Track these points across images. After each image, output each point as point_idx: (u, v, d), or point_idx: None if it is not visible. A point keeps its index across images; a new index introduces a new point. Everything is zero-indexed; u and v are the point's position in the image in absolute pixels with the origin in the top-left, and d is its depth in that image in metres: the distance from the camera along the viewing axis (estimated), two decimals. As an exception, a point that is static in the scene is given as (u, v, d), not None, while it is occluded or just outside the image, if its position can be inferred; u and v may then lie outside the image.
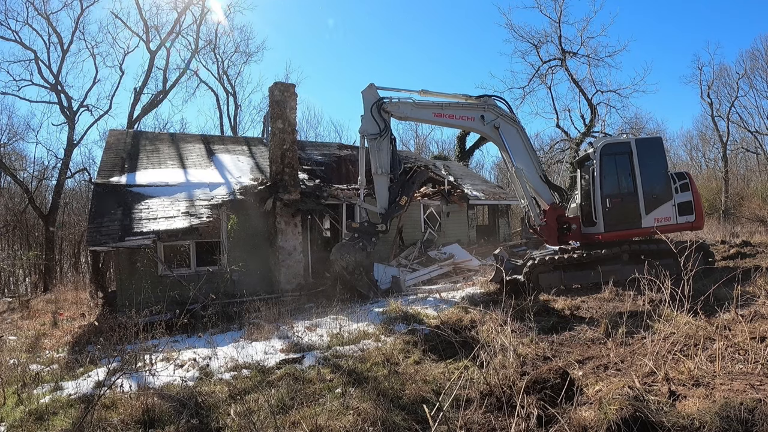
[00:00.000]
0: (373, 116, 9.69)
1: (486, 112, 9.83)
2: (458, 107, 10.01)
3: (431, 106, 9.98)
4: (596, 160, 9.31)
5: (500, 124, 9.78)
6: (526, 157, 9.87)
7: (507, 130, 9.83)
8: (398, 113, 9.87)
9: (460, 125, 10.08)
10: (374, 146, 9.84)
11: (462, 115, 9.96)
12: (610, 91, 27.77)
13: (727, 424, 3.11)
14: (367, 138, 9.85)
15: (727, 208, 28.52)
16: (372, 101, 9.77)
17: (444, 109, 9.94)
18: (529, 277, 9.11)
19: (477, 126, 9.97)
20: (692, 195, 9.33)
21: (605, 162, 9.33)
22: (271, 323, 8.07)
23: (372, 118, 9.71)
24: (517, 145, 9.87)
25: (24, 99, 43.03)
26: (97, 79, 34.13)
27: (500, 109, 9.95)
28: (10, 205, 24.81)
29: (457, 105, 10.05)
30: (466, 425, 3.58)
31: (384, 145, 9.82)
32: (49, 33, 23.89)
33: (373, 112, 9.67)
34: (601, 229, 9.25)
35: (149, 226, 10.70)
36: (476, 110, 9.85)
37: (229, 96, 31.81)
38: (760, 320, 5.38)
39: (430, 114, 9.98)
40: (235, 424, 4.13)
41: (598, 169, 9.30)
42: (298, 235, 12.69)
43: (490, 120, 9.78)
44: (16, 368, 6.68)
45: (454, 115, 9.97)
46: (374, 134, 9.74)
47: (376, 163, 9.82)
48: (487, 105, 9.88)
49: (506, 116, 9.90)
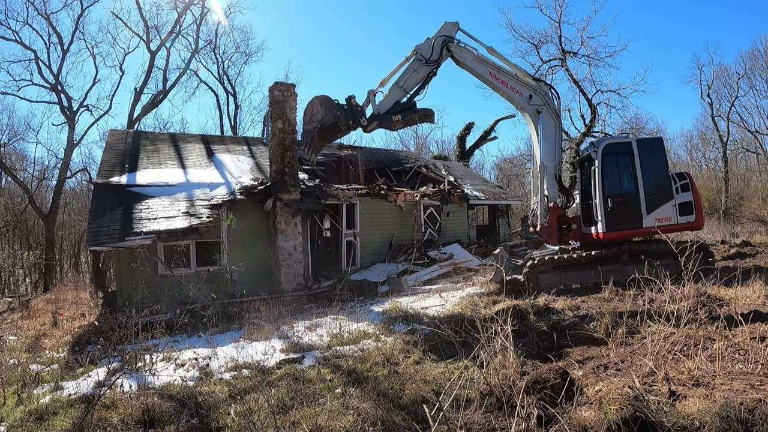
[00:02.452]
0: (434, 46, 9.81)
1: (536, 94, 9.89)
2: (513, 78, 10.07)
3: (490, 65, 10.06)
4: (598, 159, 9.33)
5: (543, 110, 9.87)
6: (552, 152, 9.88)
7: (547, 120, 9.88)
8: (460, 57, 9.96)
9: (508, 95, 10.13)
10: (414, 66, 9.87)
11: (513, 86, 10.01)
12: (610, 91, 27.78)
13: (727, 424, 3.11)
14: (416, 56, 9.88)
15: (727, 208, 28.52)
16: (444, 33, 9.89)
17: (500, 73, 10.05)
18: (528, 277, 9.12)
19: (522, 102, 10.01)
20: (693, 195, 9.34)
21: (607, 162, 9.35)
22: (271, 323, 8.07)
23: (432, 46, 9.82)
24: (550, 138, 9.88)
25: (24, 99, 43.26)
26: (97, 79, 34.22)
27: (549, 98, 10.00)
28: (10, 205, 24.80)
29: (513, 76, 10.12)
30: (466, 425, 3.58)
31: (422, 72, 9.86)
32: (49, 33, 23.93)
33: (437, 43, 9.80)
34: (603, 228, 9.26)
35: (149, 226, 10.70)
36: (528, 89, 9.93)
37: (229, 96, 31.84)
38: (759, 320, 5.37)
39: (486, 71, 10.05)
40: (235, 424, 4.14)
41: (600, 168, 9.31)
42: (298, 235, 12.69)
43: (536, 103, 9.86)
44: (16, 368, 6.67)
45: (506, 83, 10.01)
46: (423, 58, 9.79)
47: (404, 78, 9.87)
48: (540, 89, 9.95)
49: (551, 107, 9.95)
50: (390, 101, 9.77)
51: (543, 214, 9.78)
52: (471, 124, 30.34)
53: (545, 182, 9.75)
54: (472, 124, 30.41)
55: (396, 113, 9.65)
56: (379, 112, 9.68)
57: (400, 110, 9.70)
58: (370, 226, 15.28)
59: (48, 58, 24.07)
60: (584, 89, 27.33)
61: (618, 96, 27.72)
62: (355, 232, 14.86)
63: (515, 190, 37.31)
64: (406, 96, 9.87)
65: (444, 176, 19.00)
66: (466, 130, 30.48)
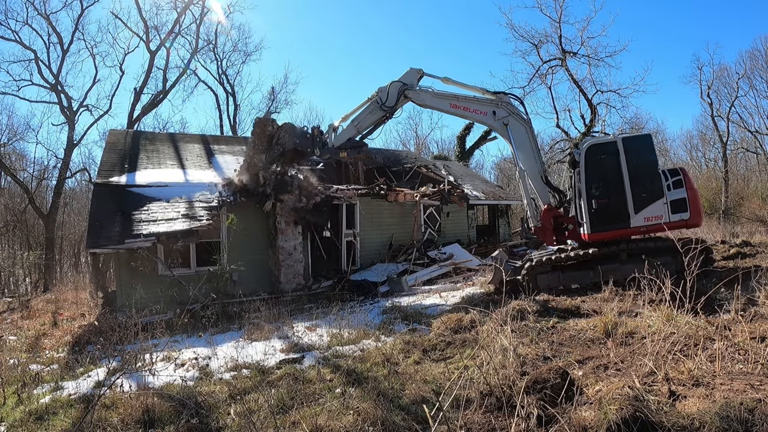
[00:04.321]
0: (389, 92, 10.30)
1: (499, 108, 10.03)
2: (473, 101, 10.28)
3: (448, 97, 10.35)
4: (581, 161, 9.28)
5: (510, 121, 9.97)
6: (530, 157, 9.95)
7: (516, 129, 9.97)
8: (418, 100, 10.40)
9: (473, 118, 10.55)
10: (370, 108, 10.49)
11: (476, 108, 10.24)
12: (610, 91, 27.72)
13: (727, 424, 3.11)
14: (376, 98, 10.41)
15: (727, 208, 28.51)
16: (404, 80, 10.37)
17: (460, 101, 10.30)
18: (527, 277, 9.10)
19: (488, 121, 10.24)
20: (686, 192, 9.12)
21: (590, 163, 9.29)
22: (271, 323, 8.07)
23: (388, 93, 10.32)
24: (524, 145, 9.96)
25: (24, 99, 43.13)
26: (97, 79, 34.05)
27: (513, 107, 10.10)
28: (10, 205, 24.80)
29: (473, 98, 10.32)
30: (466, 425, 3.58)
31: (376, 115, 10.51)
32: (49, 33, 23.91)
33: (392, 90, 10.31)
34: (588, 229, 9.22)
35: (149, 228, 10.69)
36: (490, 105, 10.12)
37: (229, 96, 31.83)
38: (760, 320, 5.38)
39: (446, 104, 10.38)
40: (235, 424, 4.14)
41: (583, 170, 9.26)
42: (298, 235, 12.69)
43: (501, 116, 10.01)
44: (16, 368, 6.68)
45: (468, 108, 10.28)
46: (381, 102, 10.32)
47: (360, 118, 10.61)
48: (501, 102, 10.08)
49: (517, 115, 10.04)
50: (344, 137, 10.77)
51: (534, 216, 9.86)
52: (471, 124, 30.30)
53: (529, 186, 9.87)
54: (472, 124, 30.39)
55: (345, 149, 10.86)
56: (333, 146, 10.86)
57: (350, 147, 10.87)
58: (370, 226, 15.28)
59: (48, 58, 24.08)
60: (584, 89, 27.33)
61: (618, 96, 27.68)
62: (355, 232, 14.86)
63: (515, 190, 37.22)
64: (359, 135, 10.74)
65: (444, 176, 18.99)
66: (465, 130, 30.48)
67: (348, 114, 10.94)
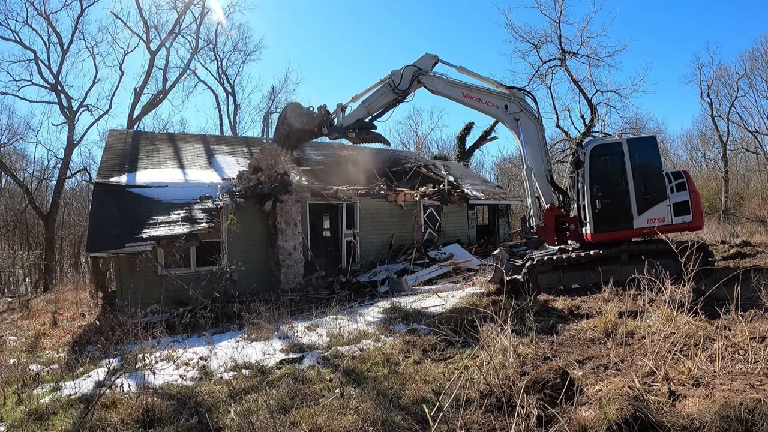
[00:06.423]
0: (403, 75, 10.14)
1: (511, 103, 9.98)
2: (487, 93, 10.21)
3: (462, 87, 10.25)
4: (585, 161, 9.29)
5: (521, 117, 9.93)
6: (538, 155, 9.93)
7: (526, 125, 9.94)
8: (431, 86, 10.23)
9: (485, 110, 10.38)
10: (383, 90, 10.28)
11: (488, 101, 10.17)
12: (610, 91, 27.71)
13: (727, 424, 3.11)
14: (389, 81, 10.25)
15: (727, 208, 28.51)
16: (418, 65, 10.19)
17: (473, 92, 10.21)
18: (528, 277, 9.10)
19: (499, 114, 10.18)
20: (689, 194, 9.15)
21: (594, 163, 9.30)
22: (271, 323, 8.07)
23: (402, 76, 10.16)
24: (533, 142, 9.94)
25: (24, 99, 43.20)
26: (97, 79, 34.23)
27: (525, 103, 10.06)
28: (10, 205, 24.81)
29: (486, 90, 10.25)
30: (466, 425, 3.58)
31: (388, 98, 10.29)
32: (48, 33, 23.89)
33: (406, 73, 10.12)
34: (591, 230, 9.23)
35: (149, 231, 10.67)
36: (502, 99, 10.07)
37: (229, 96, 31.85)
38: (760, 320, 5.38)
39: (459, 93, 10.25)
40: (234, 424, 4.14)
41: (588, 170, 9.27)
42: (298, 235, 12.70)
43: (513, 111, 9.97)
44: (16, 368, 6.67)
45: (480, 99, 10.20)
46: (393, 85, 10.17)
47: (371, 99, 10.39)
48: (514, 97, 10.02)
49: (529, 111, 10.00)
50: (353, 118, 10.49)
51: (537, 215, 9.85)
52: (471, 124, 30.33)
53: (535, 184, 9.84)
54: (472, 124, 30.40)
55: (354, 130, 10.45)
56: (341, 126, 10.51)
57: (359, 128, 10.47)
58: (370, 226, 15.28)
59: (48, 58, 24.07)
60: (584, 89, 27.30)
61: (618, 96, 27.67)
62: (355, 232, 14.86)
63: (515, 190, 37.28)
64: (369, 116, 10.47)
65: (444, 176, 18.99)
66: (466, 130, 30.47)
67: (358, 95, 10.67)
